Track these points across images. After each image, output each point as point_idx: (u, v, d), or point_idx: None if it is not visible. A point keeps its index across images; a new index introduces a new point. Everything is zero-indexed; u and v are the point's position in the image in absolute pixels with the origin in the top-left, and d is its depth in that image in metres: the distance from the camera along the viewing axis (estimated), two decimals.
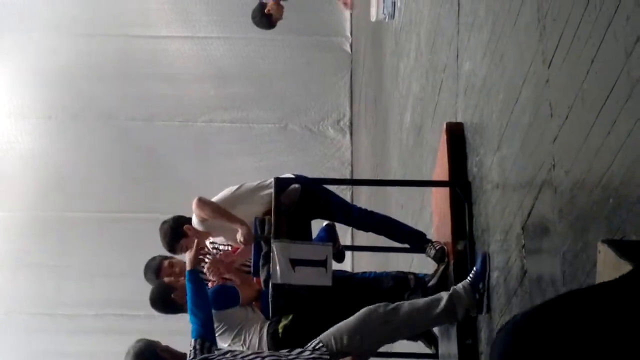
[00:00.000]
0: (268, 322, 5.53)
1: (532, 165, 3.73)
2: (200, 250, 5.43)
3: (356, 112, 14.12)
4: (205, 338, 4.74)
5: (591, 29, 3.00)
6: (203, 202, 5.57)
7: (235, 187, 5.75)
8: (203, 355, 4.61)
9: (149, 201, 13.68)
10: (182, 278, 5.59)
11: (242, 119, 14.49)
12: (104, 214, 13.99)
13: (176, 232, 5.74)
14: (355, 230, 7.96)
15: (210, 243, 6.09)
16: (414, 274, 5.44)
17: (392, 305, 4.55)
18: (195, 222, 5.70)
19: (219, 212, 5.52)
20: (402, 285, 5.37)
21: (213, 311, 5.07)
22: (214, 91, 14.59)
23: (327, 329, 4.81)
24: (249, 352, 4.92)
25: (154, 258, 6.04)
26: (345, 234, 6.51)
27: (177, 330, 5.54)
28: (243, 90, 14.56)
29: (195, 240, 5.30)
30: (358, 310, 5.07)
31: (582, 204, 3.12)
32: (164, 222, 5.84)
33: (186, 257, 5.10)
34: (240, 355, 4.58)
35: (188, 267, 5.03)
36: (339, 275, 5.38)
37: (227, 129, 14.46)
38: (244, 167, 13.51)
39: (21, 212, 14.02)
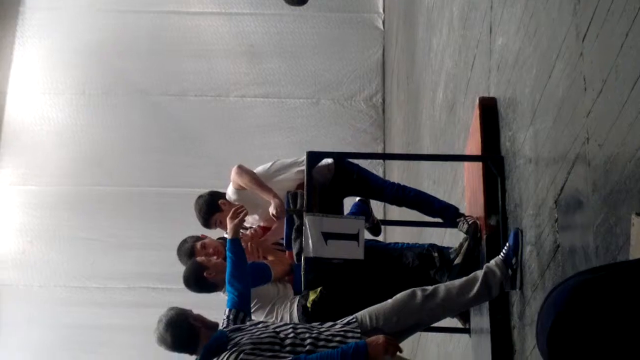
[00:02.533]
0: (298, 298, 5.55)
1: (565, 139, 3.72)
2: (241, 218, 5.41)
3: (388, 89, 14.10)
4: (240, 309, 4.77)
5: (625, 2, 2.99)
6: (243, 170, 5.63)
7: (270, 163, 5.79)
8: (235, 325, 4.64)
9: (181, 175, 13.77)
10: (214, 257, 5.62)
11: (274, 93, 14.51)
12: (137, 188, 14.09)
13: (211, 206, 5.78)
14: (387, 204, 7.96)
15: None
16: (439, 250, 5.43)
17: (429, 290, 4.57)
18: (230, 191, 5.74)
19: (256, 182, 5.57)
20: (427, 263, 5.38)
21: None
22: (246, 67, 14.62)
23: (355, 303, 4.85)
24: (282, 323, 4.95)
25: (185, 240, 6.00)
26: (377, 208, 6.52)
27: (208, 304, 5.57)
28: (275, 66, 14.58)
29: (233, 210, 5.28)
30: (386, 287, 5.13)
31: (615, 178, 3.11)
32: (200, 197, 5.88)
33: (228, 226, 5.09)
34: (272, 326, 4.62)
35: (230, 236, 5.03)
36: (370, 245, 5.39)
37: (259, 104, 14.49)
38: (276, 142, 13.55)
39: (55, 186, 14.15)
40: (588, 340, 2.22)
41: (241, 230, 5.78)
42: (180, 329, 4.59)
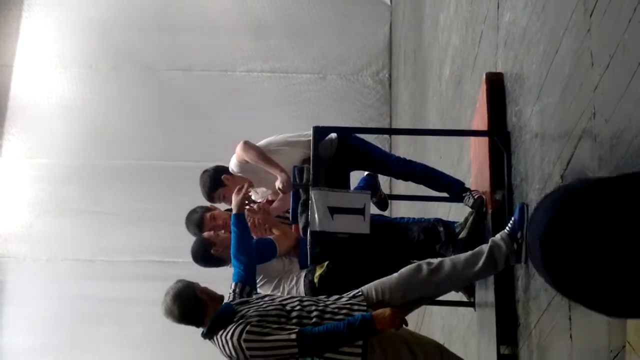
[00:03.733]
0: (305, 272, 5.58)
1: (572, 114, 3.74)
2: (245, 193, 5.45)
3: (395, 64, 14.08)
4: (246, 282, 4.81)
5: None
6: (249, 145, 5.64)
7: (274, 136, 5.81)
8: (242, 299, 4.68)
9: (187, 150, 13.79)
10: (223, 232, 5.65)
11: (281, 68, 14.50)
12: (143, 162, 14.12)
13: (215, 181, 5.81)
14: (393, 179, 7.97)
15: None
16: (444, 224, 5.45)
17: (434, 264, 4.60)
18: (233, 163, 5.76)
19: (262, 157, 5.58)
20: (432, 237, 5.40)
21: None
22: (253, 42, 14.60)
23: (361, 277, 4.88)
24: (288, 296, 4.99)
25: (195, 210, 6.03)
26: (383, 183, 6.53)
27: (214, 279, 5.59)
28: (281, 41, 14.57)
29: (238, 187, 5.31)
30: (391, 261, 5.15)
31: (621, 153, 3.13)
32: (205, 171, 5.90)
33: (233, 201, 5.13)
34: (279, 299, 4.66)
35: (234, 211, 5.06)
36: (376, 220, 5.41)
37: (265, 79, 14.49)
38: (282, 117, 13.55)
39: (62, 159, 14.18)
40: (580, 244, 2.29)
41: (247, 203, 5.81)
42: (187, 301, 4.63)
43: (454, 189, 5.48)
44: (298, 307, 4.50)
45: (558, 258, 2.37)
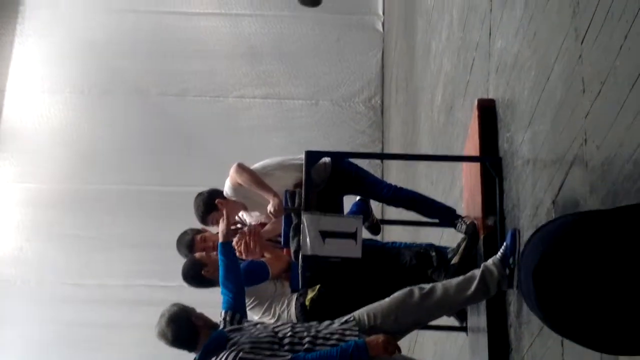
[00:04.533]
0: (296, 296, 5.58)
1: (563, 140, 3.76)
2: (232, 223, 5.47)
3: (387, 91, 14.13)
4: (236, 310, 4.80)
5: (625, 5, 3.03)
6: (242, 168, 5.65)
7: (268, 160, 5.82)
8: (235, 326, 4.67)
9: (179, 175, 13.80)
10: (214, 253, 5.63)
11: (273, 94, 14.54)
12: (135, 187, 14.12)
13: (208, 205, 5.81)
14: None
15: (240, 218, 6.13)
16: (437, 250, 5.46)
17: (426, 289, 4.60)
18: (227, 187, 5.76)
19: (255, 180, 5.58)
20: (424, 262, 5.40)
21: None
22: (246, 67, 14.65)
23: (353, 302, 4.88)
24: (280, 322, 4.98)
25: (186, 232, 6.05)
26: (375, 208, 6.54)
27: (207, 302, 5.58)
28: (274, 67, 14.62)
29: (226, 213, 5.33)
30: (384, 285, 5.15)
31: (613, 179, 3.15)
32: (199, 195, 5.91)
33: (219, 229, 5.14)
34: (271, 326, 4.65)
35: (220, 240, 5.06)
36: (368, 244, 5.42)
37: (258, 105, 14.53)
38: (275, 143, 13.58)
39: (52, 184, 14.18)
40: (572, 280, 2.29)
41: (239, 225, 5.82)
42: (181, 325, 4.62)
43: (445, 216, 5.50)
44: (290, 334, 4.49)
45: (550, 294, 2.37)
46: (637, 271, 2.23)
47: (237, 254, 5.38)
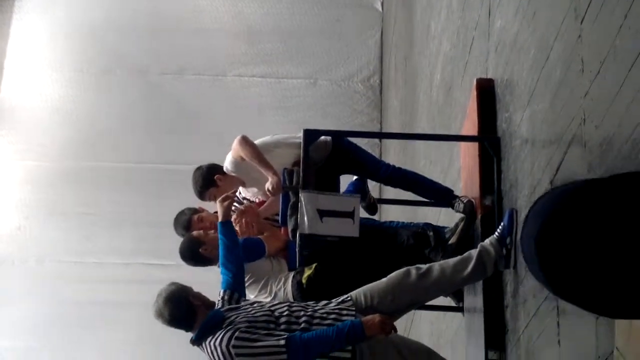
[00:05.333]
0: (293, 274, 5.58)
1: (562, 120, 3.75)
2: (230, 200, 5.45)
3: (386, 70, 14.10)
4: (234, 290, 4.79)
5: None
6: (246, 141, 5.60)
7: (269, 136, 5.80)
8: (231, 305, 4.67)
9: (178, 153, 13.77)
10: (212, 232, 5.63)
11: (272, 73, 14.51)
12: (134, 165, 14.11)
13: (207, 180, 5.79)
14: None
15: (240, 195, 6.11)
16: (434, 229, 5.46)
17: (423, 269, 4.61)
18: (228, 161, 5.73)
19: (256, 155, 5.54)
20: (422, 242, 5.40)
21: None
22: (245, 46, 14.61)
23: (349, 281, 4.88)
24: (277, 301, 4.98)
25: (183, 212, 6.03)
26: (373, 187, 6.54)
27: (205, 281, 5.58)
28: (273, 46, 14.59)
29: (224, 195, 5.29)
30: (381, 265, 5.15)
31: (611, 159, 3.14)
32: (198, 168, 5.89)
33: (218, 209, 5.12)
34: (268, 305, 4.65)
35: (220, 219, 5.03)
36: (365, 223, 5.42)
37: (256, 84, 14.50)
38: (273, 122, 13.55)
39: (52, 162, 14.16)
40: (574, 242, 2.33)
41: (236, 204, 5.80)
42: (179, 305, 4.61)
43: (442, 197, 5.50)
44: (286, 313, 4.50)
45: (552, 257, 2.40)
46: (636, 236, 2.27)
47: None
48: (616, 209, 2.32)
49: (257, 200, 6.02)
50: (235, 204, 5.74)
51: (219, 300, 4.74)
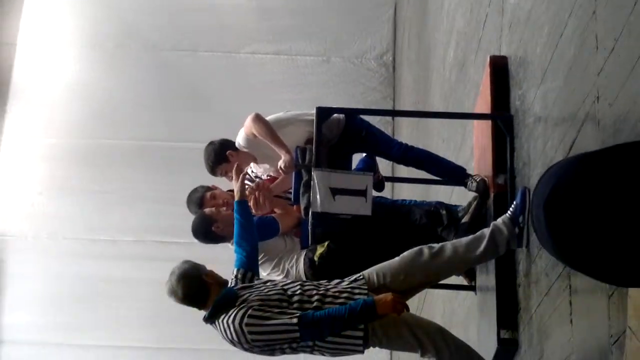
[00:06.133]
0: (305, 251, 5.57)
1: (575, 98, 3.72)
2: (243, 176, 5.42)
3: (399, 47, 14.05)
4: (248, 269, 4.80)
5: None
6: (259, 118, 5.59)
7: (282, 112, 5.79)
8: (244, 284, 4.68)
9: (190, 130, 13.77)
10: (224, 209, 5.63)
11: (285, 50, 14.47)
12: (147, 142, 14.11)
13: (219, 156, 5.78)
14: None
15: (252, 172, 6.10)
16: (447, 208, 5.44)
17: (436, 248, 4.60)
18: (241, 137, 5.72)
19: (270, 132, 5.53)
20: (435, 221, 5.39)
21: None
22: (258, 23, 14.57)
23: (362, 260, 4.88)
24: (289, 280, 4.99)
25: (196, 190, 6.02)
26: (385, 166, 6.53)
27: (217, 259, 5.58)
28: (286, 23, 14.54)
29: (238, 169, 5.28)
30: (393, 243, 5.14)
31: (625, 137, 3.11)
32: (210, 143, 5.87)
33: (234, 187, 5.11)
34: (281, 284, 4.65)
35: (237, 198, 5.04)
36: (378, 202, 5.40)
37: (269, 61, 14.46)
38: (286, 99, 13.50)
39: (64, 138, 14.18)
40: (583, 209, 2.31)
41: (247, 182, 5.79)
42: (192, 282, 4.62)
43: (455, 175, 5.48)
44: (299, 292, 4.51)
45: (561, 223, 2.38)
46: None
47: None
48: (629, 174, 2.29)
49: (267, 177, 6.00)
50: (247, 181, 5.73)
51: (232, 279, 4.75)
